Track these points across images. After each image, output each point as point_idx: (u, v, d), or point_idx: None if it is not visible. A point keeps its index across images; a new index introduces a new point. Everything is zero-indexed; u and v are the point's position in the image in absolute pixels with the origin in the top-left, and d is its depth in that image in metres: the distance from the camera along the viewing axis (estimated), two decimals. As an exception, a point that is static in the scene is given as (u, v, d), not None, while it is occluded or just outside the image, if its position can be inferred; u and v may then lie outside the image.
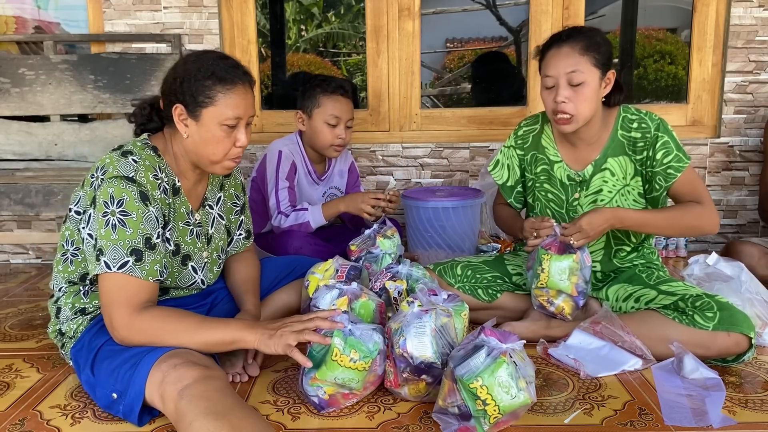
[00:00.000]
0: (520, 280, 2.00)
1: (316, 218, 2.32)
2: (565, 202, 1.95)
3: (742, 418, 1.44)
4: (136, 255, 1.43)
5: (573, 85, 1.74)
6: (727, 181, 2.93)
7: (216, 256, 1.74)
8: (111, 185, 1.43)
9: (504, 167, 2.07)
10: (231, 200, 1.80)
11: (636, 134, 1.83)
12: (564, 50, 1.74)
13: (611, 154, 1.87)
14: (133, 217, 1.44)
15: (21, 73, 2.77)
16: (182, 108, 1.51)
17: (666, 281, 1.83)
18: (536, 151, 1.99)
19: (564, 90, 1.74)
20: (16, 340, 1.98)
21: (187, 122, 1.53)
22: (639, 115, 1.85)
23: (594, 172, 1.89)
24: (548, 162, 1.96)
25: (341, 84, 2.38)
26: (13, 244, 2.96)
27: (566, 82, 1.74)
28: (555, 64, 1.75)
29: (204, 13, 2.83)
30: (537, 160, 1.99)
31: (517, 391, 1.30)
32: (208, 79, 1.49)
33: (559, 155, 1.94)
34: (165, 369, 1.30)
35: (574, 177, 1.91)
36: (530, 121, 2.04)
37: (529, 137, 2.02)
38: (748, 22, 2.79)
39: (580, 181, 1.91)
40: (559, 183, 1.94)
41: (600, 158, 1.88)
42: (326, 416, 1.46)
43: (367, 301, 1.62)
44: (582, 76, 1.73)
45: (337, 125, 2.34)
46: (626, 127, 1.85)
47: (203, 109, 1.50)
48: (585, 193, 1.91)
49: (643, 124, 1.83)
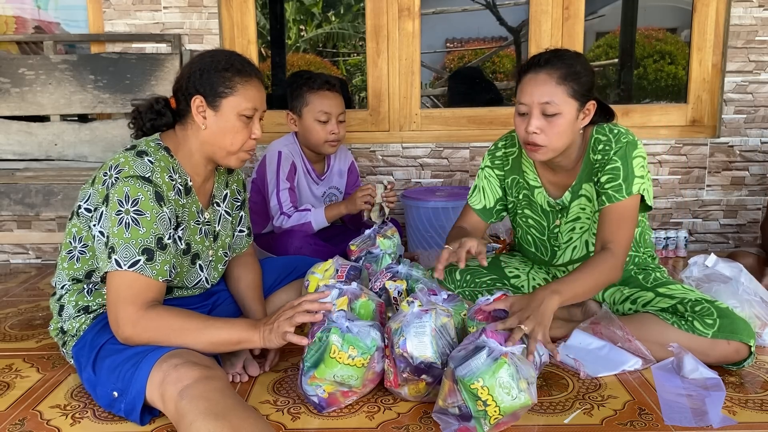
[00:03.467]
0: (518, 282, 2.00)
1: (318, 220, 2.32)
2: (546, 228, 1.90)
3: (742, 418, 1.44)
4: (148, 254, 1.43)
5: (547, 115, 1.64)
6: (727, 181, 2.93)
7: (222, 254, 1.75)
8: (127, 184, 1.44)
9: (479, 191, 1.96)
10: (233, 196, 1.81)
11: (597, 156, 1.74)
12: (540, 77, 1.64)
13: (585, 179, 1.79)
14: (146, 217, 1.44)
15: (21, 73, 2.77)
16: (201, 99, 1.54)
17: (664, 283, 1.82)
18: (517, 175, 1.91)
19: (536, 120, 1.64)
20: (16, 340, 1.98)
21: (205, 113, 1.55)
22: (608, 136, 1.73)
23: (572, 199, 1.83)
24: (528, 187, 1.89)
25: (327, 79, 2.37)
26: (13, 244, 2.96)
27: (539, 112, 1.64)
28: (530, 91, 1.64)
29: (204, 13, 2.83)
30: (518, 184, 1.92)
31: (518, 392, 1.30)
32: (227, 71, 1.54)
33: (539, 181, 1.87)
34: (166, 369, 1.31)
35: (554, 204, 1.86)
36: (506, 143, 1.94)
37: (508, 159, 1.92)
38: (748, 22, 2.79)
39: (560, 209, 1.85)
40: (540, 209, 1.89)
41: (576, 184, 1.80)
42: (326, 416, 1.46)
43: (366, 301, 1.62)
44: (556, 108, 1.63)
45: (328, 121, 2.33)
46: (594, 148, 1.75)
47: (223, 99, 1.54)
48: (565, 219, 1.86)
49: (607, 146, 1.72)
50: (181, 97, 1.58)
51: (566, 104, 1.64)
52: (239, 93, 1.55)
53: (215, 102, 1.54)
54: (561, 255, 1.92)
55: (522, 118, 1.69)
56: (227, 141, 1.57)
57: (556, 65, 1.64)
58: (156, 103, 1.63)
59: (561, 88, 1.63)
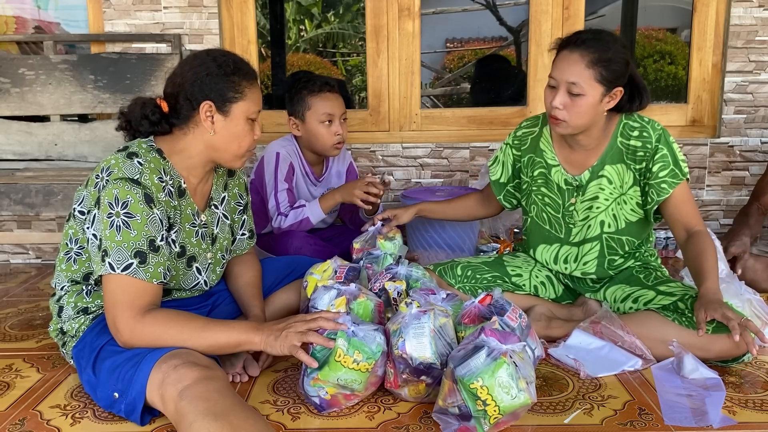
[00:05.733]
0: (519, 281, 2.00)
1: (315, 212, 2.30)
2: (562, 206, 1.93)
3: (742, 418, 1.44)
4: (140, 257, 1.43)
5: (572, 94, 1.70)
6: (727, 181, 2.93)
7: (220, 257, 1.74)
8: (116, 186, 1.43)
9: (500, 164, 2.07)
10: (235, 200, 1.80)
11: (636, 143, 1.80)
12: (573, 57, 1.70)
13: (609, 162, 1.84)
14: (137, 219, 1.44)
15: (21, 73, 2.77)
16: (210, 104, 1.52)
17: (664, 282, 1.83)
18: (534, 154, 1.96)
19: (561, 96, 1.71)
20: (16, 340, 1.98)
21: (213, 118, 1.54)
22: (641, 123, 1.81)
23: (591, 178, 1.86)
24: (545, 165, 1.93)
25: (326, 81, 2.36)
26: (13, 244, 2.96)
27: (565, 89, 1.71)
28: (561, 68, 1.72)
29: (204, 13, 2.83)
30: (534, 163, 1.96)
31: (518, 392, 1.30)
32: (235, 75, 1.53)
33: (556, 159, 1.91)
34: (165, 369, 1.31)
35: (571, 181, 1.89)
36: (530, 123, 2.01)
37: (527, 139, 1.99)
38: (748, 22, 2.79)
39: (576, 186, 1.89)
40: (556, 187, 1.92)
41: (597, 164, 1.85)
42: (326, 416, 1.46)
43: (365, 301, 1.62)
44: (581, 89, 1.69)
45: (332, 122, 2.33)
46: (626, 134, 1.81)
47: (233, 104, 1.54)
48: (581, 198, 1.89)
49: (644, 132, 1.79)
50: (182, 101, 1.54)
51: (592, 88, 1.69)
52: (248, 97, 1.55)
53: (225, 107, 1.53)
54: (577, 233, 1.93)
55: (550, 90, 1.76)
56: (236, 145, 1.57)
57: (591, 48, 1.68)
58: (144, 107, 1.57)
59: (589, 72, 1.68)
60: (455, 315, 1.59)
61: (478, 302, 1.57)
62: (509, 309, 1.54)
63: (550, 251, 2.00)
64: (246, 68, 1.57)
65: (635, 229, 1.89)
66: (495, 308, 1.56)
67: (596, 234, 1.91)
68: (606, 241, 1.91)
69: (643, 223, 1.90)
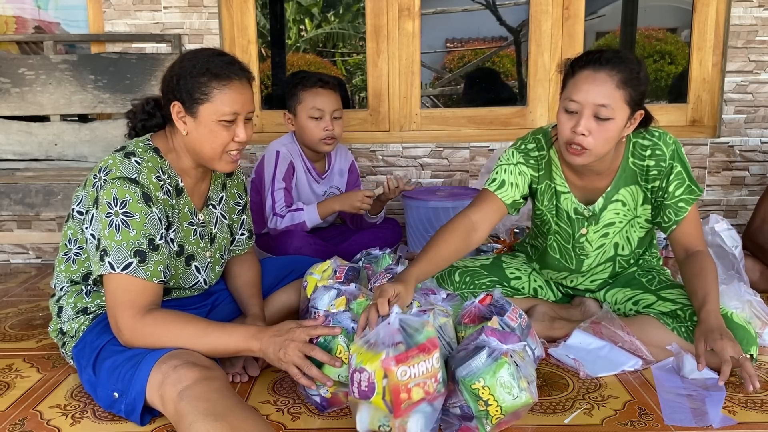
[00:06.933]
0: (518, 284, 1.99)
1: (312, 217, 2.31)
2: (572, 236, 1.82)
3: (742, 418, 1.44)
4: (140, 256, 1.43)
5: (599, 118, 1.53)
6: (727, 181, 2.93)
7: (219, 256, 1.74)
8: (114, 186, 1.43)
9: (512, 186, 1.78)
10: (233, 200, 1.80)
11: (650, 162, 1.68)
12: (600, 76, 1.52)
13: (623, 185, 1.72)
14: (136, 219, 1.44)
15: (21, 73, 2.77)
16: (180, 105, 1.51)
17: (667, 287, 1.81)
18: (549, 180, 1.79)
19: (587, 121, 1.53)
20: (16, 340, 1.98)
21: (185, 119, 1.52)
22: (652, 141, 1.67)
23: (604, 206, 1.75)
24: (555, 193, 1.79)
25: (320, 77, 2.37)
26: (13, 244, 2.96)
27: (591, 113, 1.53)
28: (586, 89, 1.52)
29: (204, 13, 2.83)
30: (548, 189, 1.81)
31: (519, 392, 1.30)
32: (203, 76, 1.48)
33: (566, 186, 1.77)
34: (165, 370, 1.31)
35: (582, 211, 1.77)
36: (536, 146, 1.79)
37: (542, 163, 1.79)
38: (748, 22, 2.79)
39: (588, 216, 1.77)
40: (566, 216, 1.80)
41: (611, 190, 1.73)
42: (327, 416, 1.46)
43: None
44: (611, 113, 1.52)
45: (321, 118, 2.32)
46: (638, 155, 1.69)
47: (200, 105, 1.49)
48: (594, 228, 1.78)
49: (657, 150, 1.66)
50: (164, 101, 1.55)
51: (621, 110, 1.54)
52: (216, 99, 1.48)
53: (193, 108, 1.50)
54: (588, 263, 1.86)
55: (569, 116, 1.57)
56: (207, 147, 1.53)
57: (619, 67, 1.53)
58: (146, 104, 1.62)
59: (620, 93, 1.52)
60: (455, 315, 1.59)
61: (478, 302, 1.57)
62: (509, 309, 1.54)
63: (555, 276, 1.98)
64: (219, 69, 1.49)
65: (642, 241, 1.88)
66: (495, 308, 1.56)
67: (610, 256, 1.86)
68: (619, 262, 1.88)
69: (648, 232, 1.87)
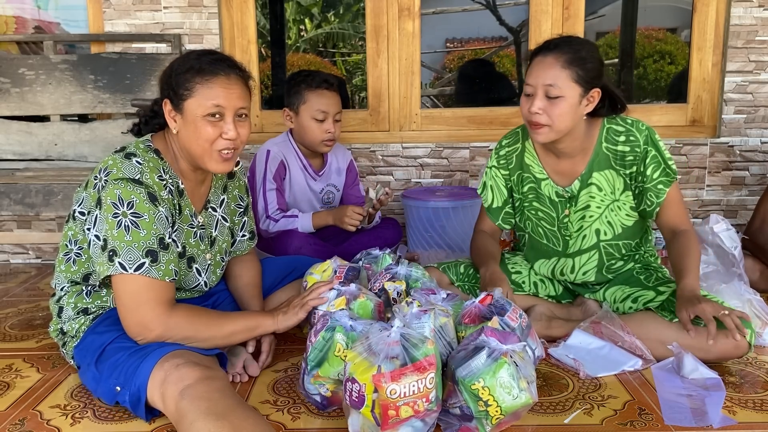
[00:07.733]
0: (519, 278, 2.01)
1: (305, 226, 2.33)
2: (556, 219, 1.90)
3: (742, 418, 1.44)
4: (152, 256, 1.44)
5: (550, 97, 1.69)
6: (727, 181, 2.93)
7: (219, 259, 1.74)
8: (117, 187, 1.43)
9: (489, 189, 2.00)
10: (235, 202, 1.80)
11: (624, 147, 1.78)
12: (548, 60, 1.69)
13: (596, 168, 1.82)
14: (145, 219, 1.44)
15: (21, 73, 2.77)
16: (167, 102, 1.54)
17: (665, 282, 1.83)
18: (521, 170, 1.94)
19: (539, 101, 1.69)
20: (16, 340, 1.98)
21: (175, 117, 1.54)
22: (625, 127, 1.79)
23: (581, 188, 1.84)
24: (535, 180, 1.91)
25: (326, 78, 2.36)
26: (13, 244, 2.96)
27: (543, 93, 1.69)
28: (536, 73, 1.70)
29: (204, 13, 2.83)
30: (523, 179, 1.94)
31: (519, 392, 1.30)
32: (188, 72, 1.51)
33: (544, 172, 1.88)
34: (168, 368, 1.31)
35: (562, 193, 1.87)
36: (511, 141, 1.97)
37: (512, 157, 1.95)
38: (748, 22, 2.79)
39: (569, 197, 1.86)
40: (548, 200, 1.90)
41: (585, 173, 1.83)
42: (327, 416, 1.46)
43: (365, 301, 1.62)
44: (559, 91, 1.67)
45: (324, 120, 2.32)
46: (612, 140, 1.79)
47: (184, 102, 1.51)
48: (574, 209, 1.87)
49: (631, 137, 1.77)
50: (160, 100, 1.58)
51: (569, 88, 1.68)
52: (199, 94, 1.49)
53: (179, 105, 1.52)
54: (573, 244, 1.92)
55: (527, 99, 1.74)
56: (194, 144, 1.53)
57: (564, 50, 1.69)
58: (155, 104, 1.63)
59: (566, 72, 1.68)
60: (455, 315, 1.59)
61: (478, 302, 1.57)
62: (509, 309, 1.54)
63: (548, 265, 1.99)
64: (204, 65, 1.50)
65: (631, 231, 1.89)
66: (495, 308, 1.56)
67: (593, 243, 1.89)
68: (604, 248, 1.90)
69: (639, 224, 1.89)
